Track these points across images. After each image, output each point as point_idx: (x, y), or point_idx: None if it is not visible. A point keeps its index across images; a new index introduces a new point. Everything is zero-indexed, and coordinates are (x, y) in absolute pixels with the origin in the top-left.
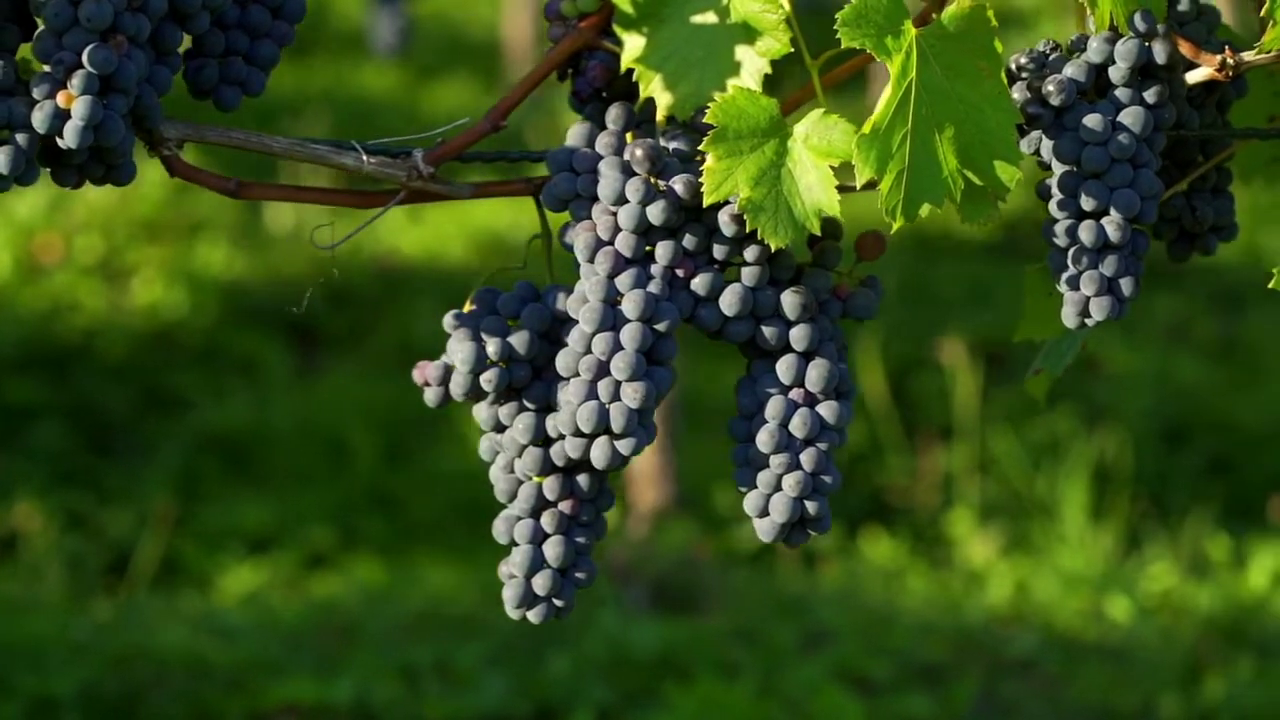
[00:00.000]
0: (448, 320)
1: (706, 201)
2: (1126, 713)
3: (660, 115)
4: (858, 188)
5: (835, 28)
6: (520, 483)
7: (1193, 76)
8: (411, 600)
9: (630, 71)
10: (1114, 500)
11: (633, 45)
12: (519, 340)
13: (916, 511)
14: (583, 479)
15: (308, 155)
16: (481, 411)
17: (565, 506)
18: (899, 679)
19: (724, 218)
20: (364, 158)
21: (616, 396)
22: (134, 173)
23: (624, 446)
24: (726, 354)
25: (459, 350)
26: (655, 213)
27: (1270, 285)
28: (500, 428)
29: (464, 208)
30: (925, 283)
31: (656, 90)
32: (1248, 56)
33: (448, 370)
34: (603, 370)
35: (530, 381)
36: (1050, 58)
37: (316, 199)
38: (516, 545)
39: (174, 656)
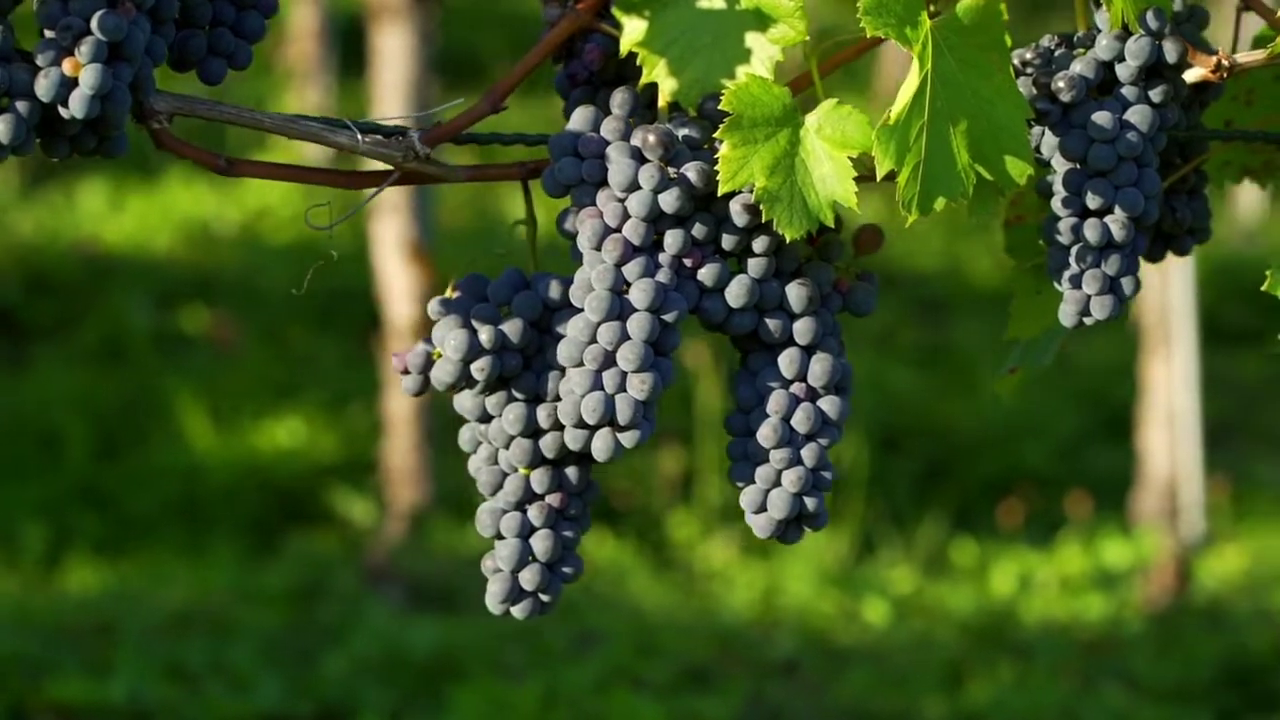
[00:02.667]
0: (433, 306)
1: (722, 190)
2: (892, 715)
3: (663, 101)
4: (877, 179)
5: (858, 16)
6: (505, 475)
7: (1188, 77)
8: (164, 599)
9: (625, 56)
10: (847, 504)
11: (633, 29)
12: (512, 328)
13: (645, 513)
14: (571, 471)
15: (299, 132)
16: (466, 401)
17: (553, 500)
18: (671, 681)
19: (736, 207)
20: (358, 137)
21: (622, 387)
22: (127, 145)
23: (627, 439)
24: None
25: (450, 338)
26: (668, 200)
27: (1264, 288)
28: (485, 418)
29: (167, 197)
30: None
31: (660, 75)
32: (1242, 58)
33: (429, 357)
34: (609, 360)
35: (520, 371)
36: (1056, 54)
37: (306, 178)
38: (503, 539)
39: None
